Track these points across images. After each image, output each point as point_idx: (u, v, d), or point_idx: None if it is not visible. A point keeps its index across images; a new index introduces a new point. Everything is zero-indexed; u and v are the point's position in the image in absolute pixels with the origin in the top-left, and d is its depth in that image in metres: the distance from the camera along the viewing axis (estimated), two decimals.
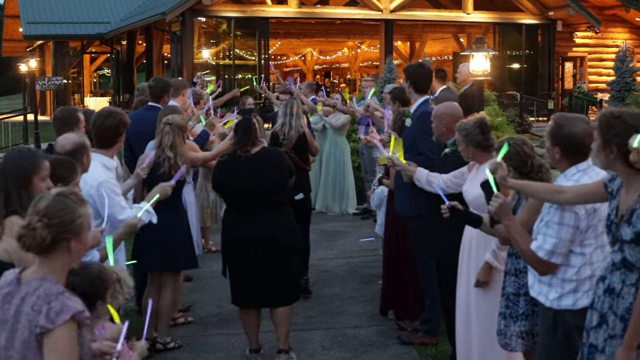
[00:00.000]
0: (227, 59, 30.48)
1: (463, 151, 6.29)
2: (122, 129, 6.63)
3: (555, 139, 4.86)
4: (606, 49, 34.09)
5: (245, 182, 7.22)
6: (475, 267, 6.23)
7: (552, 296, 4.86)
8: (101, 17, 39.31)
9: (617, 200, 4.41)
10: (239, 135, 7.35)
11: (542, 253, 4.80)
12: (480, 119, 6.24)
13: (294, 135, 9.16)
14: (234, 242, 7.34)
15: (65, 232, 3.54)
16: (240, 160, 7.25)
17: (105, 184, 6.13)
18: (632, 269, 4.24)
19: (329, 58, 48.75)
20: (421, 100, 7.79)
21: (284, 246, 7.30)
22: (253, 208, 7.25)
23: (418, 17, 32.05)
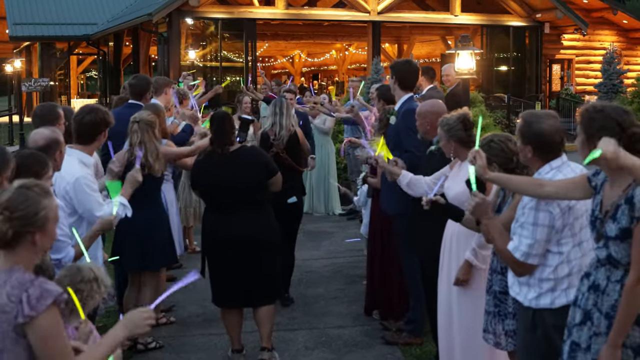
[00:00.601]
0: (214, 61, 30.37)
1: (445, 147, 6.22)
2: (102, 127, 6.51)
3: (526, 137, 4.79)
4: (594, 52, 34.12)
5: (224, 181, 7.11)
6: (455, 264, 6.16)
7: (530, 296, 4.80)
8: (88, 19, 39.13)
9: (601, 196, 4.35)
10: (214, 131, 7.29)
11: (518, 254, 4.74)
12: (463, 115, 6.17)
13: (285, 135, 8.89)
14: (213, 242, 7.24)
15: (29, 225, 3.45)
16: (219, 158, 7.15)
17: (81, 180, 6.04)
18: (617, 266, 4.18)
19: (317, 60, 48.69)
20: (405, 97, 7.71)
21: (264, 244, 7.20)
22: (232, 207, 7.15)
23: (405, 18, 32.00)
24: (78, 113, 6.55)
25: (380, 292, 8.49)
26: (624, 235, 4.10)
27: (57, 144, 5.62)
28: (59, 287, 3.46)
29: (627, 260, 4.12)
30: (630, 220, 4.08)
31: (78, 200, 6.03)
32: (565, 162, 4.79)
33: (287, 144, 8.87)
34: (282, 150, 8.81)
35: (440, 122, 6.24)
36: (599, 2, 33.14)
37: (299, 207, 9.13)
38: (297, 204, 8.99)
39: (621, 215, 4.11)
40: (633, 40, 35.04)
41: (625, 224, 4.09)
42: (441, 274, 6.38)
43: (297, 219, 9.20)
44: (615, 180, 4.24)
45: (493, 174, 4.77)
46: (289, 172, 8.54)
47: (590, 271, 4.35)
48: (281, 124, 8.89)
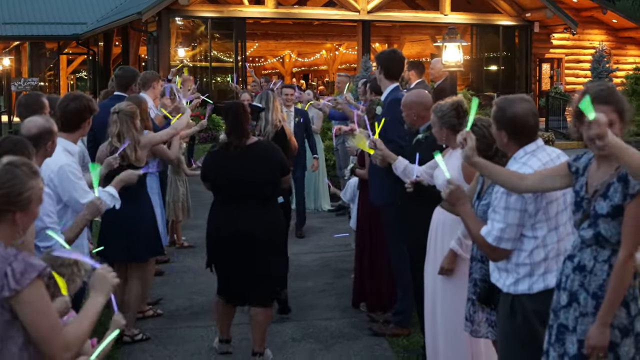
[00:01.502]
0: (204, 61, 30.34)
1: (437, 133, 6.21)
2: (86, 114, 6.48)
3: (500, 122, 4.78)
4: (583, 51, 34.19)
5: (237, 174, 6.97)
6: (441, 253, 6.16)
7: (508, 282, 4.80)
8: (77, 18, 39.04)
9: (586, 177, 4.35)
10: (229, 124, 7.09)
11: (490, 239, 4.74)
12: (457, 102, 6.18)
13: (271, 130, 8.44)
14: (218, 235, 7.10)
15: (12, 204, 3.44)
16: (235, 151, 7.00)
17: (66, 168, 6.01)
18: (605, 245, 4.19)
19: (307, 60, 48.66)
20: (391, 87, 7.69)
21: (269, 242, 7.06)
22: (240, 201, 7.00)
23: (395, 17, 32.04)
24: (62, 100, 6.52)
25: (368, 285, 8.47)
26: (616, 212, 4.12)
27: (50, 134, 5.57)
28: (42, 262, 3.45)
29: (616, 238, 4.14)
30: (623, 197, 4.09)
31: (63, 188, 6.00)
32: (540, 147, 4.78)
33: (273, 140, 8.21)
34: None
35: (433, 108, 6.24)
36: (588, 2, 33.19)
37: (286, 206, 8.54)
38: (285, 203, 8.35)
39: (614, 192, 4.13)
40: (622, 39, 35.13)
41: (618, 201, 4.11)
42: (427, 263, 6.38)
43: (286, 219, 8.58)
44: (603, 161, 4.24)
45: (479, 159, 4.74)
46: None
47: (574, 253, 4.34)
48: (267, 118, 8.47)
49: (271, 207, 7.15)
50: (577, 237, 4.36)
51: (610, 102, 4.27)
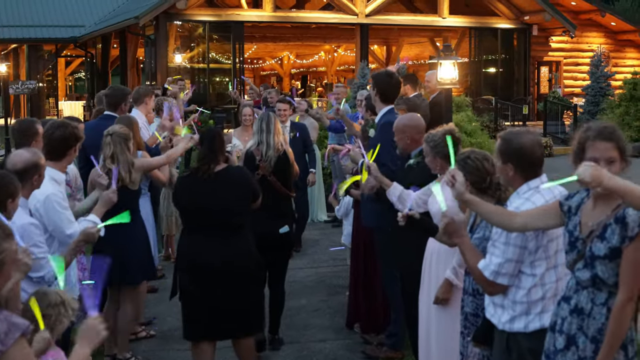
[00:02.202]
0: (202, 63, 30.28)
1: (430, 163, 6.15)
2: (72, 142, 6.41)
3: (506, 155, 4.73)
4: (582, 54, 34.15)
5: (205, 201, 6.72)
6: (435, 282, 6.11)
7: (504, 318, 4.75)
8: (75, 21, 38.96)
9: (579, 217, 4.30)
10: (203, 149, 6.89)
11: (487, 273, 4.69)
12: (449, 130, 6.11)
13: (273, 155, 7.89)
14: (188, 266, 6.82)
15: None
16: (202, 177, 6.75)
17: (52, 197, 5.94)
18: (602, 287, 4.14)
19: (305, 62, 48.60)
20: (385, 109, 7.65)
21: (243, 271, 6.76)
22: (210, 229, 6.71)
23: (393, 21, 31.96)
24: (47, 129, 6.44)
25: (362, 305, 8.42)
26: (613, 254, 4.07)
27: (36, 168, 5.50)
28: (25, 320, 3.40)
29: (614, 280, 4.09)
30: (621, 239, 4.04)
31: (48, 218, 5.91)
32: (544, 182, 4.72)
33: (275, 165, 7.90)
34: (269, 173, 7.88)
35: (425, 138, 6.18)
36: (587, 4, 33.14)
37: (290, 236, 8.14)
38: (289, 233, 8.02)
39: (611, 234, 4.07)
40: (621, 42, 35.07)
41: (616, 243, 4.06)
42: (422, 291, 6.33)
43: (289, 250, 8.30)
44: (600, 200, 4.20)
45: (470, 197, 4.69)
46: (279, 198, 7.95)
47: (570, 295, 4.29)
48: (268, 142, 7.92)
49: (242, 235, 6.84)
50: (572, 278, 4.31)
51: (613, 139, 4.23)
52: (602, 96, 24.22)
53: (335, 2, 30.55)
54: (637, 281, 4.07)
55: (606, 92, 24.32)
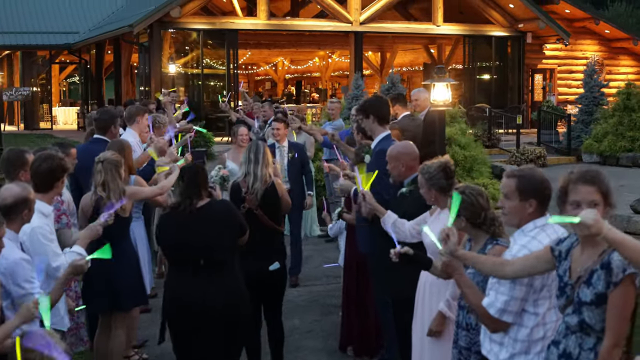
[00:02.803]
0: (196, 68, 30.26)
1: (425, 194, 6.16)
2: (59, 174, 6.39)
3: (527, 191, 4.74)
4: (576, 61, 34.29)
5: (188, 240, 6.44)
6: (429, 313, 6.12)
7: (502, 356, 4.76)
8: (69, 27, 39.00)
9: (569, 262, 4.32)
10: (183, 185, 6.61)
11: (493, 310, 4.71)
12: (444, 163, 6.13)
13: (260, 187, 7.45)
14: (176, 308, 6.54)
15: None
16: (184, 214, 6.48)
17: (37, 230, 5.93)
18: (590, 333, 4.16)
19: (300, 67, 48.63)
20: (382, 135, 7.65)
21: (233, 315, 6.50)
22: (196, 270, 6.44)
23: (388, 29, 31.99)
24: (34, 161, 6.42)
25: (355, 328, 8.41)
26: (599, 300, 4.08)
27: (26, 203, 5.49)
28: None
29: (600, 325, 4.11)
30: (607, 285, 4.06)
31: (33, 250, 5.87)
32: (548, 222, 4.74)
33: (262, 198, 7.47)
34: (255, 206, 7.46)
35: (420, 169, 6.19)
36: (581, 12, 33.26)
37: (282, 273, 7.69)
38: (281, 271, 7.63)
39: (597, 280, 4.09)
40: (615, 49, 35.17)
41: (602, 289, 4.07)
42: (415, 322, 6.34)
43: (282, 288, 7.78)
44: (588, 245, 4.21)
45: (462, 253, 4.70)
46: (267, 233, 7.50)
47: (559, 339, 4.32)
48: (255, 174, 7.48)
49: (229, 273, 6.55)
50: (562, 322, 4.33)
51: (595, 182, 4.25)
52: (596, 105, 24.20)
53: (330, 10, 30.56)
54: (623, 326, 4.09)
55: (600, 102, 24.31)
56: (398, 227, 6.57)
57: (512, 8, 31.80)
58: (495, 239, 5.28)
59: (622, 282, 4.02)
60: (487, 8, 32.14)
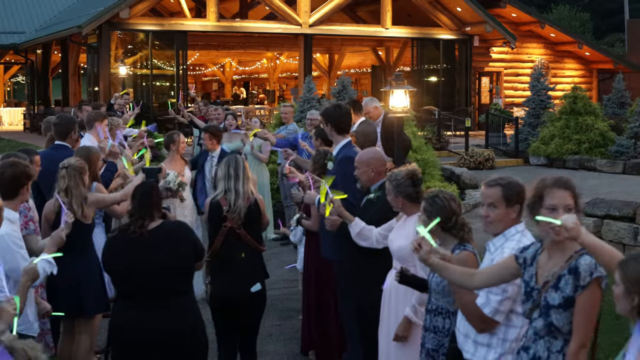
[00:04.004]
0: (145, 69, 30.09)
1: (392, 201, 6.26)
2: (24, 181, 6.36)
3: (512, 199, 4.90)
4: (522, 64, 34.75)
5: (139, 265, 5.92)
6: (395, 319, 6.21)
7: (491, 356, 4.87)
8: (15, 27, 38.53)
9: (535, 267, 4.48)
10: (135, 204, 6.12)
11: (487, 310, 4.81)
12: (412, 171, 6.24)
13: (243, 205, 6.98)
14: (124, 342, 6.02)
15: None
16: (135, 236, 5.97)
17: (6, 237, 5.91)
18: (557, 336, 4.31)
19: (247, 68, 48.64)
20: (343, 142, 7.73)
21: (189, 349, 6.03)
22: (149, 297, 5.92)
23: (337, 31, 32.12)
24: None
25: (316, 332, 8.47)
26: (567, 303, 4.25)
27: None
28: None
29: (567, 328, 4.27)
30: (574, 288, 4.22)
31: (3, 258, 5.84)
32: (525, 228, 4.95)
33: (245, 216, 7.02)
34: (238, 225, 7.00)
35: (388, 177, 6.29)
36: (527, 16, 33.69)
37: (263, 295, 7.26)
38: (262, 291, 7.20)
39: (565, 284, 4.25)
40: (560, 52, 35.67)
41: (569, 292, 4.24)
42: (381, 327, 6.43)
43: (261, 311, 7.36)
44: (555, 251, 4.38)
45: (435, 261, 4.75)
46: (249, 253, 7.10)
47: (528, 344, 4.45)
48: (237, 190, 7.00)
49: (184, 302, 6.07)
50: (530, 327, 4.46)
51: (569, 188, 4.41)
52: (543, 109, 24.56)
53: (280, 12, 30.59)
54: (589, 328, 4.29)
55: (547, 105, 24.67)
56: (365, 234, 6.66)
57: (460, 12, 32.11)
58: (464, 244, 5.40)
59: (589, 285, 4.21)
60: (435, 11, 32.40)
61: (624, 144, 21.74)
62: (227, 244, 6.88)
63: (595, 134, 22.43)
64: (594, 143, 22.32)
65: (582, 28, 56.84)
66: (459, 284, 4.78)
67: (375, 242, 6.62)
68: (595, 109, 23.22)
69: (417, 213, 6.01)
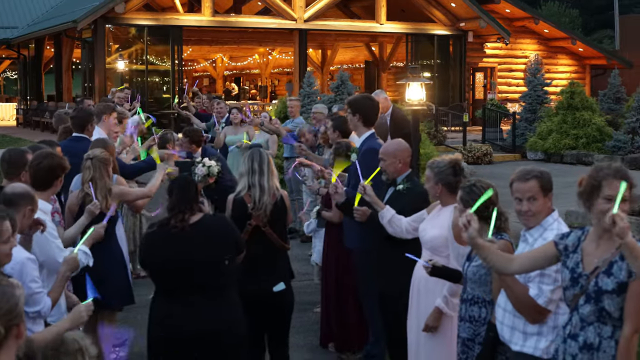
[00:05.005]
0: (140, 65, 30.01)
1: (431, 189, 6.25)
2: (59, 172, 6.36)
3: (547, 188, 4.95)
4: (515, 60, 34.91)
5: (180, 260, 5.76)
6: (425, 309, 6.21)
7: (542, 345, 4.86)
8: (7, 22, 38.36)
9: (580, 254, 4.48)
10: (173, 198, 5.88)
11: (541, 300, 4.80)
12: (455, 160, 6.24)
13: (268, 202, 6.65)
14: (164, 338, 5.87)
15: (15, 317, 3.37)
16: (175, 232, 5.80)
17: None
18: (607, 321, 4.32)
19: (239, 64, 48.48)
20: (367, 134, 7.72)
21: (229, 345, 5.89)
22: (189, 293, 5.77)
23: (332, 27, 32.13)
24: (34, 159, 6.37)
25: (335, 325, 8.46)
26: (621, 289, 4.26)
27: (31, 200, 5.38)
28: None
29: (618, 314, 4.28)
30: (628, 274, 4.23)
31: (39, 249, 5.83)
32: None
33: (271, 214, 6.70)
34: (264, 223, 6.71)
35: (430, 164, 6.30)
36: (521, 12, 33.80)
37: (288, 295, 6.93)
38: (287, 292, 6.89)
39: (618, 270, 4.27)
40: (553, 48, 35.80)
41: (623, 278, 4.25)
42: (410, 317, 6.43)
43: (288, 312, 7.03)
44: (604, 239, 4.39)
45: (482, 242, 4.75)
46: (274, 251, 6.82)
47: (576, 332, 4.44)
48: (262, 186, 6.66)
49: (227, 297, 5.91)
50: (575, 315, 4.45)
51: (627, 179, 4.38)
52: (539, 104, 24.64)
53: (274, 7, 30.56)
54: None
55: (543, 100, 24.76)
56: (394, 222, 6.66)
57: (454, 7, 32.17)
58: (500, 234, 5.41)
59: None
60: (429, 7, 32.45)
61: (621, 139, 21.85)
62: (251, 242, 6.53)
63: (592, 129, 22.55)
64: (591, 138, 22.43)
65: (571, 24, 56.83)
66: (497, 268, 4.76)
67: (404, 231, 6.61)
68: (592, 104, 23.33)
69: (452, 204, 6.02)
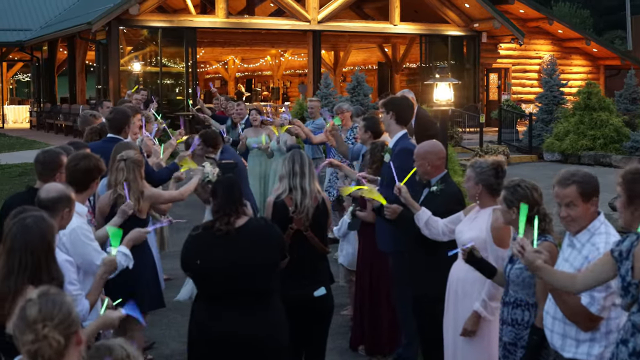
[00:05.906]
0: (155, 66, 29.97)
1: (471, 188, 6.18)
2: (95, 174, 6.33)
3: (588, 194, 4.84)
4: (529, 60, 34.81)
5: (226, 264, 5.67)
6: (462, 312, 6.14)
7: (595, 351, 4.80)
8: (21, 24, 38.41)
9: (631, 261, 4.35)
10: (218, 200, 5.83)
11: (594, 309, 4.71)
12: (497, 161, 6.19)
13: (310, 205, 6.49)
14: (206, 343, 5.78)
15: (72, 326, 3.34)
16: (220, 234, 5.72)
17: (78, 230, 5.86)
18: None
19: (251, 66, 48.43)
20: (400, 134, 7.68)
21: (272, 349, 5.79)
22: (233, 298, 5.70)
23: (345, 28, 32.05)
24: (71, 160, 6.34)
25: (367, 329, 8.39)
26: None
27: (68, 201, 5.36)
28: None
29: None
30: None
31: (75, 251, 5.79)
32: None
33: (313, 218, 6.53)
34: (306, 227, 6.52)
35: (472, 163, 6.25)
36: (535, 12, 33.69)
37: (329, 300, 6.72)
38: (327, 296, 6.69)
39: None
40: (567, 49, 35.66)
41: None
42: (447, 322, 6.36)
43: (327, 318, 6.82)
44: None
45: (543, 265, 4.66)
46: (315, 256, 6.65)
47: (627, 337, 4.36)
48: (304, 188, 6.49)
49: (271, 303, 5.82)
50: (628, 321, 4.37)
51: None
52: (556, 105, 24.55)
53: (288, 8, 30.52)
54: None
55: (560, 101, 24.66)
56: (431, 224, 6.59)
57: (468, 8, 32.05)
58: (544, 235, 5.33)
59: None
60: (443, 7, 32.35)
61: (639, 139, 21.73)
62: (292, 247, 6.33)
63: (609, 129, 22.44)
64: (608, 139, 22.32)
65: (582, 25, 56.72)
66: (562, 288, 4.69)
67: (441, 233, 6.54)
68: (609, 105, 23.23)
69: (491, 207, 5.95)
